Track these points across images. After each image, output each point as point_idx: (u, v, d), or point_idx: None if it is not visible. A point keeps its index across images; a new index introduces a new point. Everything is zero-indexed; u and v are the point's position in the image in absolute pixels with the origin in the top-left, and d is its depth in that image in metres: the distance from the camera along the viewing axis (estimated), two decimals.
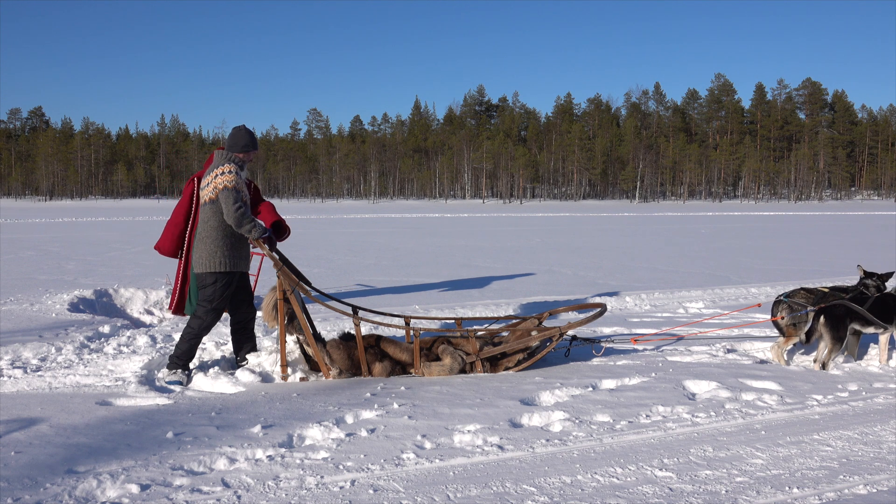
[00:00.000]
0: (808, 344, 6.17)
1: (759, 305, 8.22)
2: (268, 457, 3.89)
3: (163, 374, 5.48)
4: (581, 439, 4.21)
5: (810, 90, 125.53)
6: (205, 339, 6.55)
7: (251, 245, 5.74)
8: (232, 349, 6.00)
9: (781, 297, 6.45)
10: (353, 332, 5.89)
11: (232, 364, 5.87)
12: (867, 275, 6.50)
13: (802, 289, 6.51)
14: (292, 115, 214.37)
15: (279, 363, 5.62)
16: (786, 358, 6.21)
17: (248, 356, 5.79)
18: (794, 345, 6.40)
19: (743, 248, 19.40)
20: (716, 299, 9.79)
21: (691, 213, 58.23)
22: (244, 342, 5.85)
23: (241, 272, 5.71)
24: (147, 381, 5.36)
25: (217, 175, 5.46)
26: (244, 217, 5.41)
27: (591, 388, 5.30)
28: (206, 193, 5.51)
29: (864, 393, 5.26)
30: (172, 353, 5.55)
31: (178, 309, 7.55)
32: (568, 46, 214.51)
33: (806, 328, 6.18)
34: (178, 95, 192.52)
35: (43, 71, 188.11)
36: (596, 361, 6.13)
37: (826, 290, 6.48)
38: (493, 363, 5.86)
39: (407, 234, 26.28)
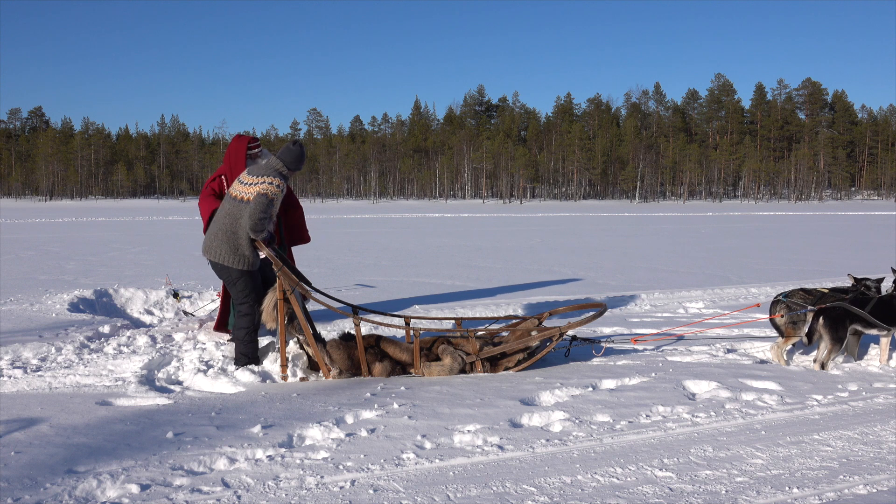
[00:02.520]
0: (810, 345, 6.16)
1: (757, 305, 8.20)
2: (268, 457, 3.89)
3: (232, 370, 5.61)
4: (581, 439, 4.21)
5: (810, 90, 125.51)
6: (205, 339, 6.56)
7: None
8: (233, 350, 6.00)
9: (780, 297, 6.45)
10: (353, 332, 5.89)
11: (232, 364, 5.87)
12: (857, 281, 6.52)
13: (801, 289, 6.50)
14: (292, 115, 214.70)
15: (279, 363, 5.62)
16: (786, 358, 6.21)
17: None
18: (794, 345, 6.40)
19: (743, 248, 19.40)
20: (716, 299, 9.79)
21: (691, 213, 58.23)
22: None
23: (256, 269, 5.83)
24: (147, 381, 5.36)
25: (265, 182, 5.56)
26: (263, 226, 5.54)
27: (591, 388, 5.31)
28: (245, 192, 5.59)
29: (864, 393, 5.26)
30: (237, 354, 5.73)
31: (220, 325, 6.84)
32: (568, 46, 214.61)
33: (805, 328, 6.18)
34: (178, 95, 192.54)
35: (43, 71, 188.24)
36: (596, 361, 6.13)
37: (825, 290, 6.48)
38: (493, 363, 5.86)
39: (407, 234, 26.28)
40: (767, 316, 6.80)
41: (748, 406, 4.89)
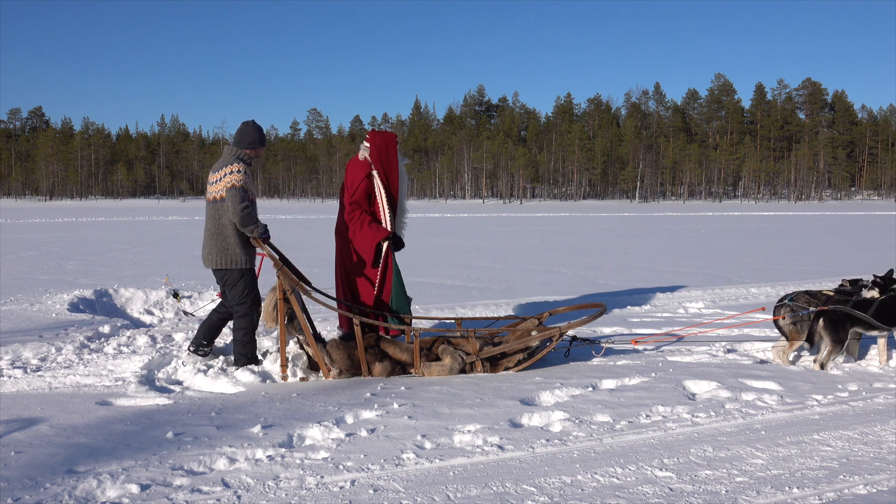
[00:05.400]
0: (812, 347, 6.15)
1: (762, 309, 8.10)
2: (268, 457, 3.89)
3: (231, 370, 5.63)
4: (581, 439, 4.21)
5: (810, 90, 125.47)
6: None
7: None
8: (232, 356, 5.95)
9: (786, 301, 6.44)
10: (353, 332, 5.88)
11: (231, 364, 5.86)
12: (853, 283, 6.50)
13: (805, 292, 6.48)
14: (292, 115, 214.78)
15: (279, 363, 5.62)
16: (790, 359, 6.20)
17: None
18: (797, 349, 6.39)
19: (743, 248, 19.40)
20: (716, 299, 9.79)
21: (691, 213, 58.22)
22: (216, 335, 6.01)
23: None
24: (147, 381, 5.36)
25: (226, 174, 5.58)
26: (250, 216, 5.52)
27: (591, 388, 5.30)
28: (216, 191, 5.61)
29: (864, 393, 5.26)
30: (236, 355, 5.73)
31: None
32: (568, 46, 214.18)
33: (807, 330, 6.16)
34: (178, 95, 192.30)
35: (43, 71, 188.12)
36: (596, 361, 6.13)
37: (830, 293, 6.46)
38: (493, 363, 5.86)
39: (407, 233, 26.23)
40: (771, 317, 6.80)
41: (748, 406, 4.89)
